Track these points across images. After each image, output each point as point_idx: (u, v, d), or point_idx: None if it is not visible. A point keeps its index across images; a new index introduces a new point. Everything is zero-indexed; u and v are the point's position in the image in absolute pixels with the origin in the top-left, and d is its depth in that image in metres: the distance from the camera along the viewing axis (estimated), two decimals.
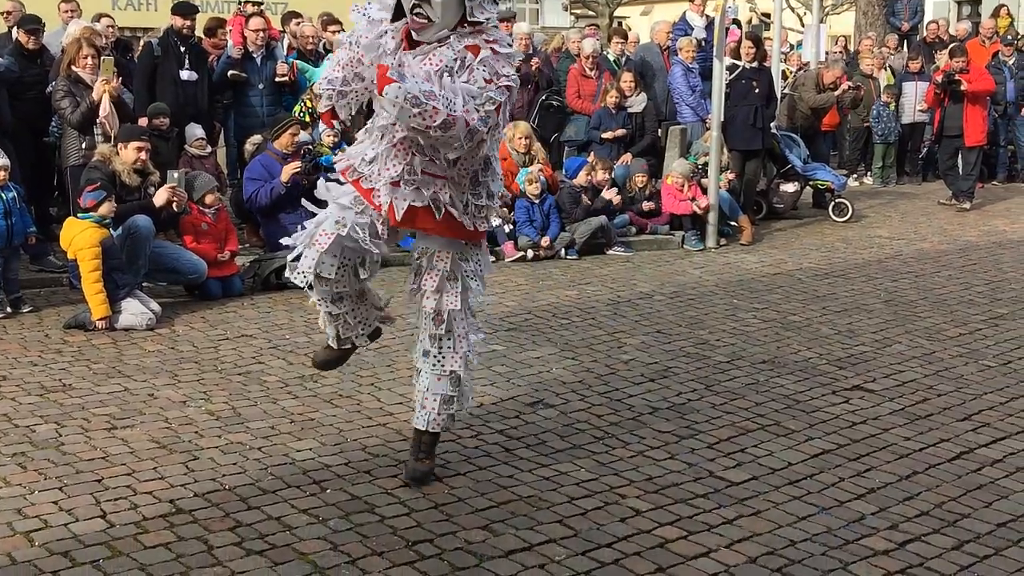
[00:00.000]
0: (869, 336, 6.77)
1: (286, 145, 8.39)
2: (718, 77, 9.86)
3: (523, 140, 9.75)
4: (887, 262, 9.17)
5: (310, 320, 6.98)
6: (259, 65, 9.56)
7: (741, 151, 10.68)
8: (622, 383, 5.79)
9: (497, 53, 3.94)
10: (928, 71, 13.92)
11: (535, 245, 9.11)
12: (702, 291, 8.06)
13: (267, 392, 5.52)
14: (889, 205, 12.38)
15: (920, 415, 5.34)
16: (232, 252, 7.74)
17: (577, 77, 11.18)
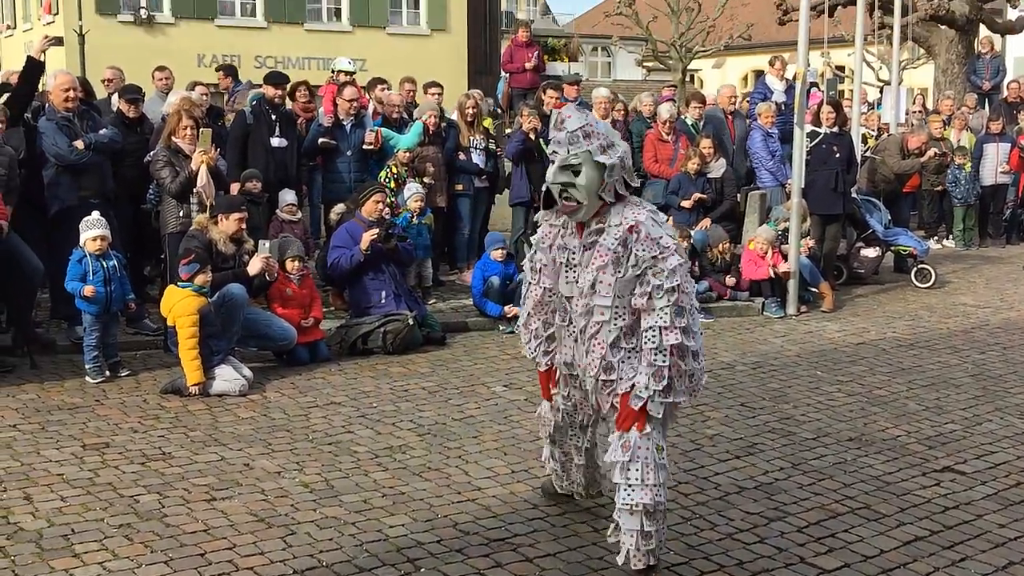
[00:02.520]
0: (958, 413, 6.68)
1: (371, 212, 8.59)
2: (799, 144, 9.88)
3: None
4: (973, 332, 9.04)
5: (396, 388, 7.13)
6: (348, 132, 9.84)
7: (821, 216, 10.65)
8: (708, 460, 5.79)
9: (654, 223, 4.25)
10: (1010, 132, 13.77)
11: None
12: (784, 361, 8.03)
13: (358, 463, 5.63)
14: (973, 270, 12.21)
15: (1014, 500, 5.25)
16: (316, 318, 7.92)
17: (654, 142, 11.27)
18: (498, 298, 8.93)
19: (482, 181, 10.85)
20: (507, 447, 5.94)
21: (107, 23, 24.97)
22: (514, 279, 9.09)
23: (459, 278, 10.56)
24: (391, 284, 8.44)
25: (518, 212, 10.83)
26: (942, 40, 19.26)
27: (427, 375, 7.49)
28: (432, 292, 9.88)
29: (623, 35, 36.16)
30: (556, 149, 4.30)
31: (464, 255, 10.73)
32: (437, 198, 10.27)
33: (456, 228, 10.74)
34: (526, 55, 14.17)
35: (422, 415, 6.51)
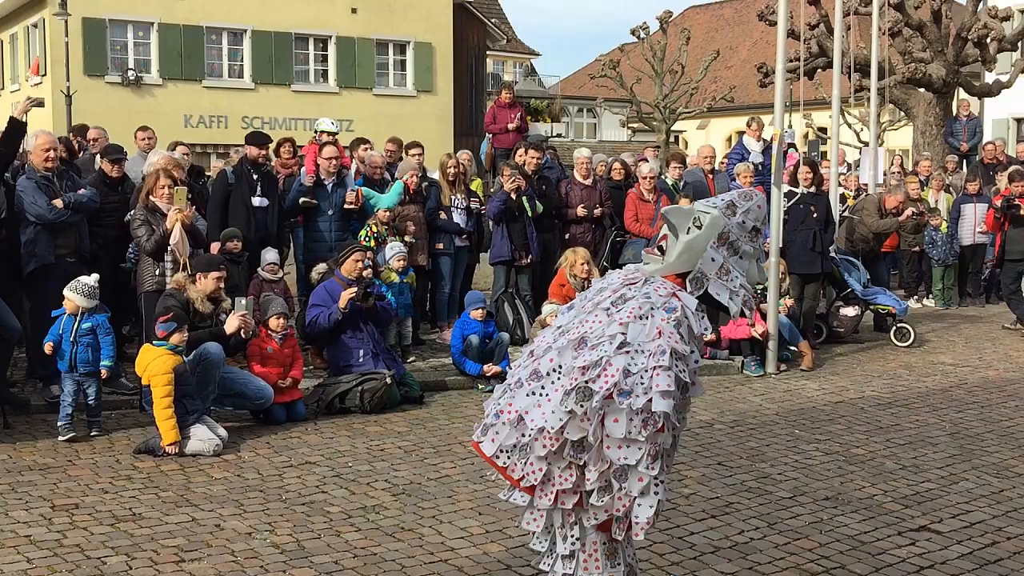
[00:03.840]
0: (935, 472, 6.68)
1: (351, 271, 8.61)
2: (776, 204, 9.97)
3: (584, 266, 9.90)
4: (952, 391, 9.07)
5: (372, 447, 7.09)
6: (329, 192, 9.89)
7: (800, 275, 10.72)
8: (683, 519, 5.76)
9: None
10: (987, 193, 13.94)
11: None
12: (763, 420, 8.03)
13: (331, 524, 5.58)
14: (952, 329, 12.28)
15: (989, 559, 5.23)
16: (295, 379, 7.89)
17: (635, 201, 11.36)
18: (477, 357, 8.93)
19: (463, 240, 10.90)
20: (482, 507, 5.89)
21: (95, 84, 25.24)
22: (493, 338, 9.10)
23: (439, 337, 10.56)
24: (369, 343, 8.44)
25: (499, 271, 10.87)
26: (920, 102, 19.56)
27: (404, 434, 7.45)
28: (412, 351, 9.88)
29: (608, 96, 36.70)
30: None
31: (445, 314, 10.75)
32: (418, 257, 10.31)
33: (437, 287, 10.76)
34: (509, 116, 14.31)
35: (397, 474, 6.47)
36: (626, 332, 3.72)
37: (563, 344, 3.82)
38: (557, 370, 3.79)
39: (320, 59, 28.12)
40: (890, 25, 18.43)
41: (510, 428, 3.87)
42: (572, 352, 3.78)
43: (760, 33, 41.63)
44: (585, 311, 3.91)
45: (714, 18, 49.84)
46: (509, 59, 49.80)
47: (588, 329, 3.80)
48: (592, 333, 3.77)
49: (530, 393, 3.84)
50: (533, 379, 3.86)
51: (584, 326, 3.82)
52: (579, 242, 10.81)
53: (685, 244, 3.81)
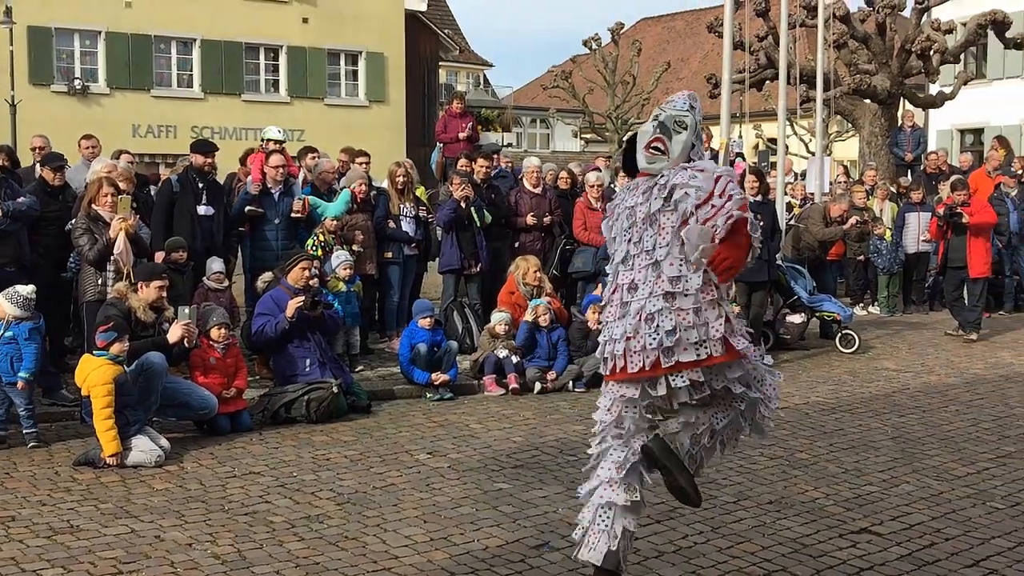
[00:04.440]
0: (877, 475, 6.75)
1: (297, 279, 8.56)
2: None
3: (535, 274, 9.92)
4: (894, 396, 9.19)
5: (317, 456, 7.04)
6: (276, 201, 9.82)
7: (747, 283, 10.82)
8: None
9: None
10: (930, 202, 14.17)
11: (542, 376, 9.18)
12: None
13: (273, 534, 5.52)
14: (896, 336, 12.46)
15: (927, 560, 5.30)
16: (239, 389, 7.81)
17: (583, 210, 11.41)
18: (425, 365, 8.90)
19: (412, 249, 10.88)
20: (427, 515, 5.87)
21: (40, 93, 24.88)
22: (442, 346, 9.08)
23: (388, 346, 10.52)
24: (316, 352, 8.38)
25: (448, 280, 10.86)
26: (866, 113, 19.84)
27: (350, 443, 7.41)
28: (360, 360, 9.83)
29: (561, 107, 36.85)
30: (664, 109, 4.49)
31: (393, 322, 10.70)
32: (366, 266, 10.27)
33: (386, 295, 10.73)
34: (460, 125, 14.30)
35: (342, 483, 6.43)
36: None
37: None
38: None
39: (271, 69, 27.96)
40: (836, 37, 18.69)
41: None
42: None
43: (711, 45, 42.03)
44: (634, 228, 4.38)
45: (666, 30, 50.28)
46: (462, 69, 49.87)
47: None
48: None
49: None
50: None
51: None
52: (529, 250, 10.83)
53: (680, 142, 4.40)
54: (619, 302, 4.36)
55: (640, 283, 4.29)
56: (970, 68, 26.53)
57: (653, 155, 4.39)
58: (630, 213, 4.40)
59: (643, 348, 4.24)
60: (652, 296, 4.23)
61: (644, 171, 4.43)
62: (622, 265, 4.40)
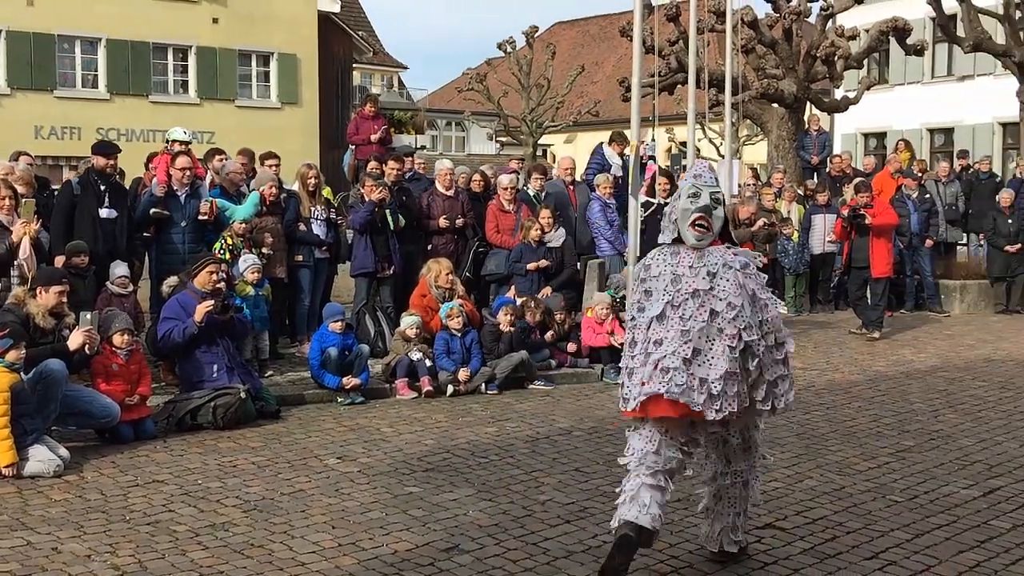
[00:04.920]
0: (782, 471, 6.88)
1: (204, 283, 8.39)
2: (634, 215, 10.15)
3: (447, 276, 9.89)
4: (800, 394, 9.31)
5: (224, 463, 6.91)
6: (182, 203, 9.63)
7: None
8: (538, 525, 5.78)
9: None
10: (835, 204, 14.51)
11: (454, 379, 9.16)
12: (620, 426, 8.12)
13: (176, 543, 5.40)
14: (803, 335, 12.71)
15: (829, 553, 5.41)
16: (143, 395, 7.63)
17: (496, 212, 11.42)
18: (336, 369, 8.81)
19: (323, 252, 10.76)
20: (336, 520, 5.80)
21: None
22: (353, 350, 9.00)
23: (298, 350, 10.39)
24: (224, 357, 8.23)
25: (361, 283, 10.77)
26: (774, 117, 20.22)
27: (258, 449, 7.29)
28: (270, 364, 9.68)
29: (476, 110, 36.85)
30: (702, 188, 4.95)
31: (304, 327, 10.58)
32: (276, 269, 10.13)
33: (296, 299, 10.59)
34: (372, 127, 14.22)
35: (249, 490, 6.32)
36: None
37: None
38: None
39: (180, 69, 27.42)
40: (744, 42, 19.01)
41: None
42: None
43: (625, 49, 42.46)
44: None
45: (580, 34, 50.68)
46: (377, 72, 49.57)
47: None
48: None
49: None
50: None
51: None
52: (441, 253, 10.80)
53: (719, 219, 4.97)
54: (645, 352, 4.87)
55: (666, 342, 4.81)
56: (873, 73, 27.19)
57: (702, 233, 4.90)
58: (675, 280, 4.87)
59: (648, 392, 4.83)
60: (675, 355, 4.77)
61: (693, 247, 4.92)
62: (657, 321, 4.85)
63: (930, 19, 21.84)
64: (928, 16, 21.49)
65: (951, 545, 5.52)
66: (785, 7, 19.29)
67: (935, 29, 22.43)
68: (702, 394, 4.76)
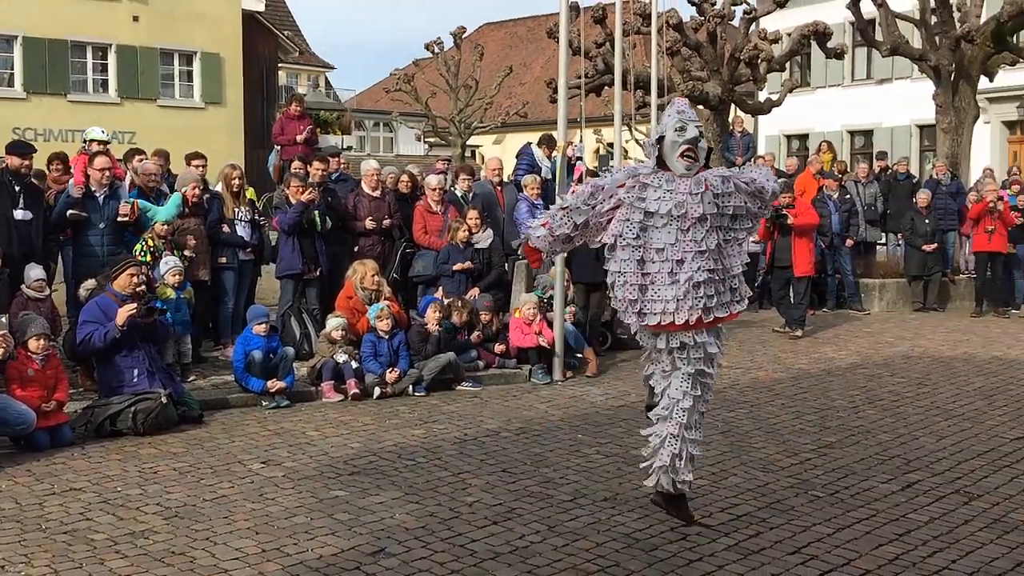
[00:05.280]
0: (706, 469, 6.94)
1: (124, 286, 8.22)
2: None
3: (372, 278, 9.82)
4: (724, 392, 9.48)
5: (144, 470, 6.77)
6: (101, 204, 9.42)
7: (585, 284, 11.00)
8: (465, 527, 5.76)
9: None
10: None
11: (381, 381, 9.09)
12: (548, 426, 8.16)
13: (94, 552, 5.28)
14: (728, 333, 12.83)
15: (753, 550, 5.48)
16: (60, 401, 7.44)
17: (423, 213, 11.37)
18: (260, 372, 8.69)
19: (247, 254, 10.61)
20: (259, 526, 5.72)
21: None
22: (278, 353, 8.88)
23: (222, 353, 10.23)
24: (145, 361, 8.06)
25: (287, 284, 10.63)
26: (699, 118, 20.49)
27: (180, 455, 7.15)
28: (193, 369, 9.52)
29: (404, 111, 36.67)
30: (687, 122, 5.44)
31: (228, 329, 10.41)
32: (199, 271, 9.96)
33: (220, 302, 10.42)
34: (297, 127, 14.08)
35: (170, 497, 6.20)
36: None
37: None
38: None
39: (99, 68, 26.78)
40: (670, 45, 19.25)
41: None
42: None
43: (553, 51, 42.55)
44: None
45: (508, 35, 50.73)
46: (303, 72, 49.09)
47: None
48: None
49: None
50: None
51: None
52: (368, 255, 10.71)
53: (703, 149, 5.54)
54: (668, 271, 5.39)
55: (688, 260, 5.37)
56: (795, 76, 27.66)
57: (690, 163, 5.43)
58: (679, 205, 5.36)
59: (689, 308, 5.41)
60: (700, 270, 5.37)
61: (682, 175, 5.43)
62: (671, 246, 5.37)
63: (850, 23, 22.27)
64: (848, 20, 21.92)
65: (871, 539, 5.63)
66: (709, 10, 19.54)
67: (854, 33, 22.86)
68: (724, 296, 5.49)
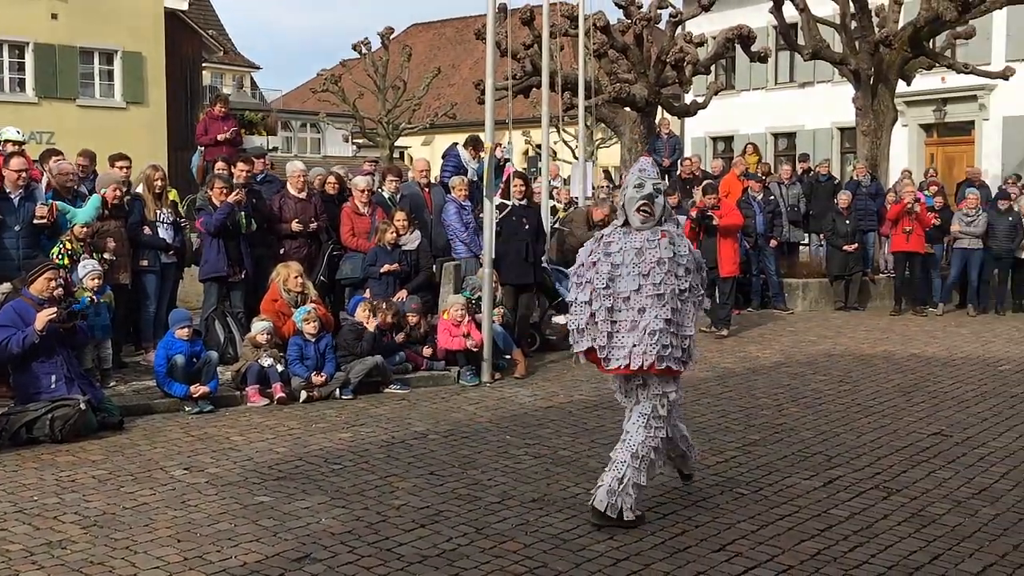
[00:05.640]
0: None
1: (42, 290, 8.01)
2: (489, 216, 10.19)
3: (297, 279, 9.71)
4: None
5: (62, 478, 6.60)
6: (16, 206, 9.15)
7: (514, 286, 11.01)
8: (392, 531, 5.72)
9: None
10: (685, 206, 14.88)
11: (308, 384, 9.00)
12: (476, 428, 8.15)
13: (9, 563, 5.12)
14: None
15: (679, 548, 5.52)
16: None
17: (351, 215, 11.27)
18: (183, 377, 8.53)
19: (169, 256, 10.42)
20: (181, 534, 5.61)
21: None
22: (201, 357, 8.73)
23: (144, 358, 10.02)
24: (63, 367, 7.86)
25: (211, 288, 10.45)
26: (627, 120, 20.62)
27: (99, 463, 6.98)
28: (113, 374, 9.31)
29: (331, 111, 36.39)
30: (645, 180, 5.94)
31: (150, 334, 10.21)
32: (120, 275, 9.75)
33: (141, 306, 10.22)
34: (221, 128, 13.86)
35: (89, 505, 6.05)
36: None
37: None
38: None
39: (16, 67, 26.11)
40: (597, 47, 19.35)
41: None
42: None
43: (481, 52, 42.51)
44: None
45: (436, 36, 50.64)
46: (228, 71, 48.40)
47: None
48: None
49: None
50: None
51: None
52: (294, 257, 10.58)
53: (660, 206, 5.96)
54: (631, 319, 5.80)
55: (647, 308, 5.76)
56: (720, 79, 28.02)
57: (645, 217, 5.88)
58: (639, 252, 5.82)
59: (643, 353, 5.77)
60: (657, 319, 5.74)
61: (637, 228, 5.89)
62: (635, 292, 5.80)
63: (773, 28, 22.61)
64: (771, 25, 22.26)
65: (793, 535, 5.72)
66: (636, 13, 19.69)
67: (777, 37, 23.23)
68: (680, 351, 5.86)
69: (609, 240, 6.00)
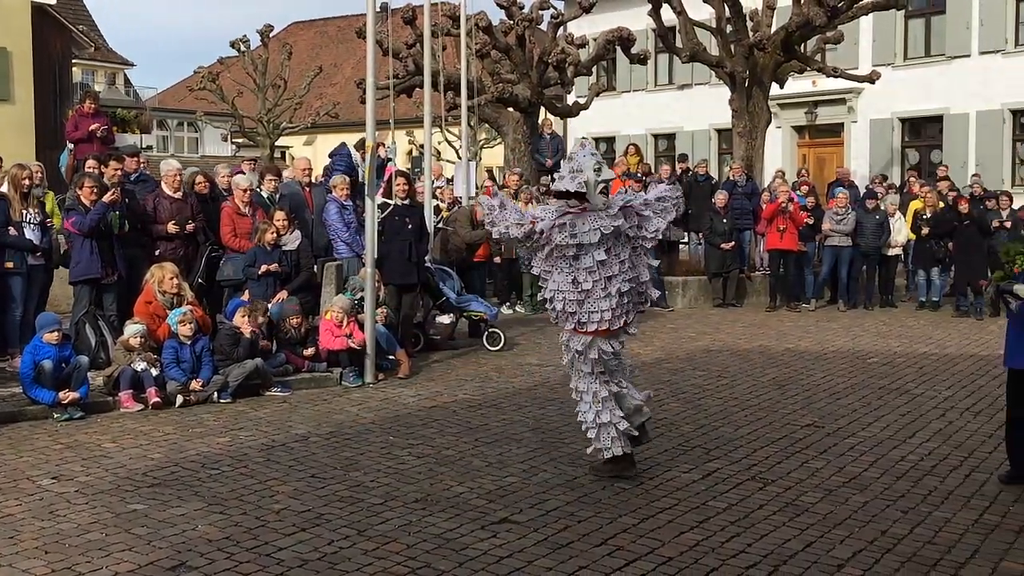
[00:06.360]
0: (518, 466, 7.02)
1: None
2: (371, 216, 10.09)
3: (172, 280, 9.44)
4: (536, 389, 9.62)
5: None
6: None
7: (397, 285, 10.93)
8: (272, 535, 5.60)
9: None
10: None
11: (184, 388, 8.76)
12: (359, 429, 8.05)
13: None
14: (539, 332, 13.09)
15: (562, 543, 5.55)
16: None
17: (232, 215, 11.00)
18: (51, 383, 8.20)
19: (36, 258, 10.01)
20: (49, 545, 5.39)
21: None
22: (71, 362, 8.41)
23: (9, 364, 9.60)
24: None
25: (82, 290, 10.06)
26: (510, 121, 20.71)
27: None
28: None
29: (209, 110, 35.58)
30: (601, 164, 6.62)
31: (16, 339, 9.78)
32: None
33: (7, 309, 9.78)
34: (92, 125, 13.39)
35: None
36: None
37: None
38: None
39: None
40: (479, 47, 19.37)
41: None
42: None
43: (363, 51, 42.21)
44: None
45: (318, 35, 49.99)
46: (100, 68, 46.84)
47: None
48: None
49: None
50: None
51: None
52: (170, 258, 10.26)
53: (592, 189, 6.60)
54: (603, 286, 6.56)
55: (615, 275, 6.57)
56: (602, 81, 28.37)
57: (604, 197, 6.65)
58: (604, 227, 6.50)
59: (623, 313, 6.67)
60: (624, 282, 6.60)
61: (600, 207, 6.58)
62: (600, 265, 6.53)
63: (652, 30, 23.00)
64: (650, 27, 22.62)
65: (673, 527, 5.81)
66: (518, 14, 19.79)
67: (656, 40, 23.65)
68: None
69: (574, 223, 6.53)
